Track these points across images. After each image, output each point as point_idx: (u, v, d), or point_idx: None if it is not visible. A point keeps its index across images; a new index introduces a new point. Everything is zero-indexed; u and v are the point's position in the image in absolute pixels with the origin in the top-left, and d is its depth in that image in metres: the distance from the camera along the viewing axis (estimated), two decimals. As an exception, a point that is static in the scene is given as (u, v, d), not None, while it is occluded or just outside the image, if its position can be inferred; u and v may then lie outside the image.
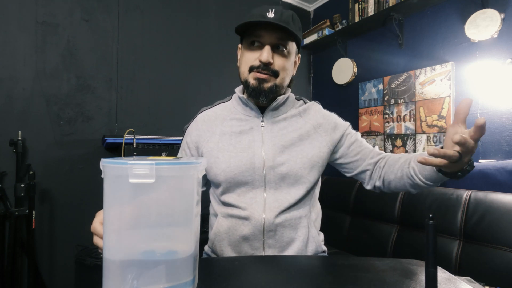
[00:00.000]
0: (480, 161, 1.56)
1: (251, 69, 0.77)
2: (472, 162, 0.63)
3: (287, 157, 0.78)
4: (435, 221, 0.40)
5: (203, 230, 0.79)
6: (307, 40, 2.57)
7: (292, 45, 0.79)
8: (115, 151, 1.77)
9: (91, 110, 1.74)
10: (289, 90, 0.86)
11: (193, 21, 2.12)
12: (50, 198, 1.62)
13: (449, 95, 1.72)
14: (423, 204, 1.46)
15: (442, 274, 0.55)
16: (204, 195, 0.82)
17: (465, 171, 0.63)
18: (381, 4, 2.03)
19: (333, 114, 0.89)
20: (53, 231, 1.62)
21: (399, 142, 1.98)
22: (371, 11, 2.10)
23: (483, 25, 1.53)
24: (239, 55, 0.85)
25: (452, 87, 1.72)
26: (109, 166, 0.42)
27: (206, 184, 0.90)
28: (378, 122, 2.12)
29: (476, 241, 1.26)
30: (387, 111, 2.07)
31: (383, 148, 2.07)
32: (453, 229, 1.33)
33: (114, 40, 1.82)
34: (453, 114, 1.72)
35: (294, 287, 0.50)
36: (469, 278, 1.04)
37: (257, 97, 0.78)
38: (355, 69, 2.33)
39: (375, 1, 2.08)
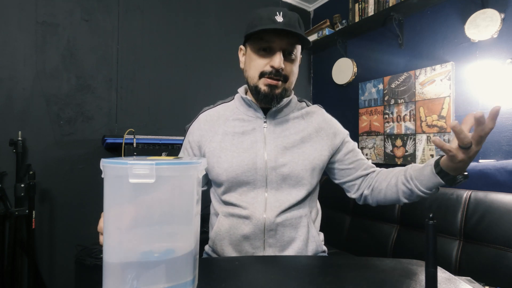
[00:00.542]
0: (480, 161, 1.56)
1: (262, 75, 0.76)
2: (467, 174, 0.66)
3: (289, 158, 0.79)
4: (435, 221, 0.40)
5: (203, 230, 0.79)
6: (307, 40, 2.57)
7: (298, 48, 0.80)
8: (115, 151, 1.77)
9: (91, 110, 1.74)
10: (292, 92, 0.87)
11: (193, 21, 2.12)
12: (50, 198, 1.62)
13: (449, 95, 1.72)
14: (423, 204, 1.46)
15: (442, 274, 0.55)
16: (204, 195, 0.82)
17: (465, 176, 0.65)
18: (381, 4, 2.03)
19: (334, 120, 0.91)
20: (53, 231, 1.62)
21: (399, 142, 1.98)
22: (371, 11, 2.10)
23: (483, 25, 1.53)
24: (241, 57, 0.84)
25: (452, 87, 1.72)
26: (109, 166, 0.42)
27: (207, 183, 0.90)
28: (378, 122, 2.12)
29: (476, 241, 1.26)
30: (387, 111, 2.07)
31: (383, 148, 2.07)
32: (453, 229, 1.33)
33: (114, 40, 1.82)
34: (453, 114, 1.72)
35: (294, 287, 0.50)
36: (469, 278, 1.04)
37: (269, 102, 0.78)
38: (355, 69, 2.33)
39: (375, 1, 2.08)
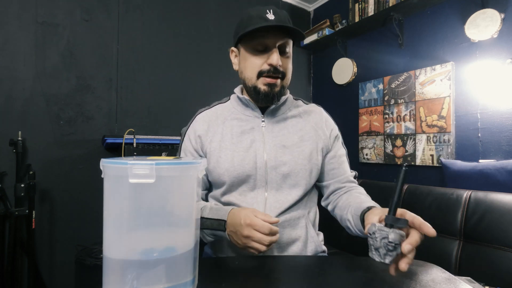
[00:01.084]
0: (480, 161, 1.56)
1: (260, 74, 0.76)
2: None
3: (288, 157, 0.78)
4: (407, 168, 0.49)
5: (203, 230, 0.79)
6: (307, 40, 2.57)
7: (291, 44, 0.80)
8: (115, 151, 1.77)
9: (91, 110, 1.74)
10: (288, 90, 0.86)
11: (193, 21, 2.12)
12: (50, 198, 1.62)
13: (449, 95, 1.72)
14: (423, 204, 1.45)
15: (442, 274, 0.55)
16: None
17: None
18: (381, 4, 2.03)
19: (332, 120, 0.90)
20: (53, 231, 1.62)
21: (399, 142, 1.98)
22: (371, 11, 2.10)
23: (483, 25, 1.53)
24: (234, 59, 0.83)
25: (452, 87, 1.72)
26: (109, 166, 0.42)
27: (207, 188, 0.88)
28: (378, 122, 2.12)
29: (476, 241, 1.25)
30: (387, 111, 2.07)
31: (383, 148, 2.07)
32: (453, 229, 1.32)
33: (114, 40, 1.82)
34: (453, 114, 1.72)
35: (294, 287, 0.50)
36: (469, 278, 1.03)
37: (269, 102, 0.78)
38: (355, 69, 2.33)
39: (375, 1, 2.08)
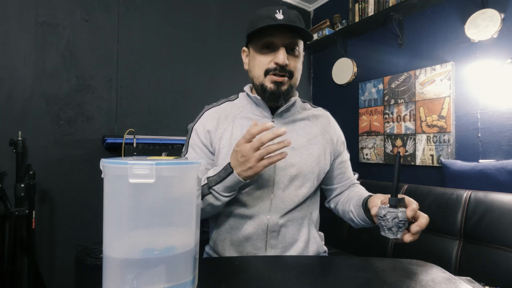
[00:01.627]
0: (480, 161, 1.56)
1: (267, 72, 0.76)
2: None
3: (297, 159, 0.79)
4: (401, 154, 0.47)
5: (203, 230, 0.79)
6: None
7: (301, 44, 0.79)
8: (115, 151, 1.77)
9: (91, 110, 1.74)
10: (296, 92, 0.87)
11: (193, 21, 2.12)
12: (50, 198, 1.62)
13: (449, 95, 1.72)
14: (423, 204, 1.45)
15: (442, 274, 0.55)
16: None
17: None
18: (381, 4, 2.03)
19: (338, 126, 0.93)
20: (53, 231, 1.62)
21: (399, 142, 1.98)
22: (371, 11, 2.10)
23: (483, 25, 1.53)
24: (245, 59, 0.84)
25: (452, 87, 1.72)
26: (109, 166, 0.42)
27: None
28: (378, 122, 2.12)
29: (476, 241, 1.26)
30: (387, 111, 2.07)
31: (383, 148, 2.07)
32: (453, 229, 1.32)
33: (114, 40, 1.82)
34: (453, 114, 1.72)
35: (294, 287, 0.50)
36: (469, 278, 1.03)
37: (276, 100, 0.78)
38: (355, 69, 2.33)
39: (375, 1, 2.08)
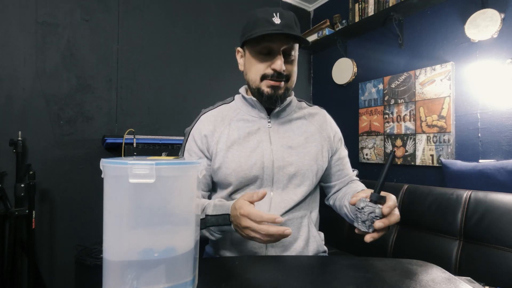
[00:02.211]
0: (480, 161, 1.56)
1: (264, 77, 0.77)
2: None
3: (295, 158, 0.79)
4: (395, 152, 0.48)
5: (203, 230, 0.79)
6: (307, 40, 2.57)
7: (296, 47, 0.80)
8: (115, 151, 1.77)
9: (91, 110, 1.74)
10: (292, 92, 0.87)
11: (193, 21, 2.12)
12: (50, 198, 1.62)
13: (449, 95, 1.72)
14: (423, 204, 1.45)
15: (442, 274, 0.55)
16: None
17: None
18: (381, 4, 2.03)
19: (335, 123, 0.93)
20: (53, 231, 1.62)
21: (399, 142, 1.98)
22: (371, 11, 2.10)
23: (483, 25, 1.53)
24: (240, 59, 0.84)
25: (452, 87, 1.72)
26: (109, 166, 0.42)
27: (209, 190, 0.87)
28: (378, 122, 2.12)
29: (476, 241, 1.25)
30: (387, 111, 2.07)
31: (383, 148, 2.07)
32: (453, 229, 1.32)
33: (114, 40, 1.82)
34: (453, 114, 1.72)
35: (294, 287, 0.50)
36: (469, 278, 1.03)
37: (273, 103, 0.79)
38: (355, 69, 2.33)
39: (375, 1, 2.08)
